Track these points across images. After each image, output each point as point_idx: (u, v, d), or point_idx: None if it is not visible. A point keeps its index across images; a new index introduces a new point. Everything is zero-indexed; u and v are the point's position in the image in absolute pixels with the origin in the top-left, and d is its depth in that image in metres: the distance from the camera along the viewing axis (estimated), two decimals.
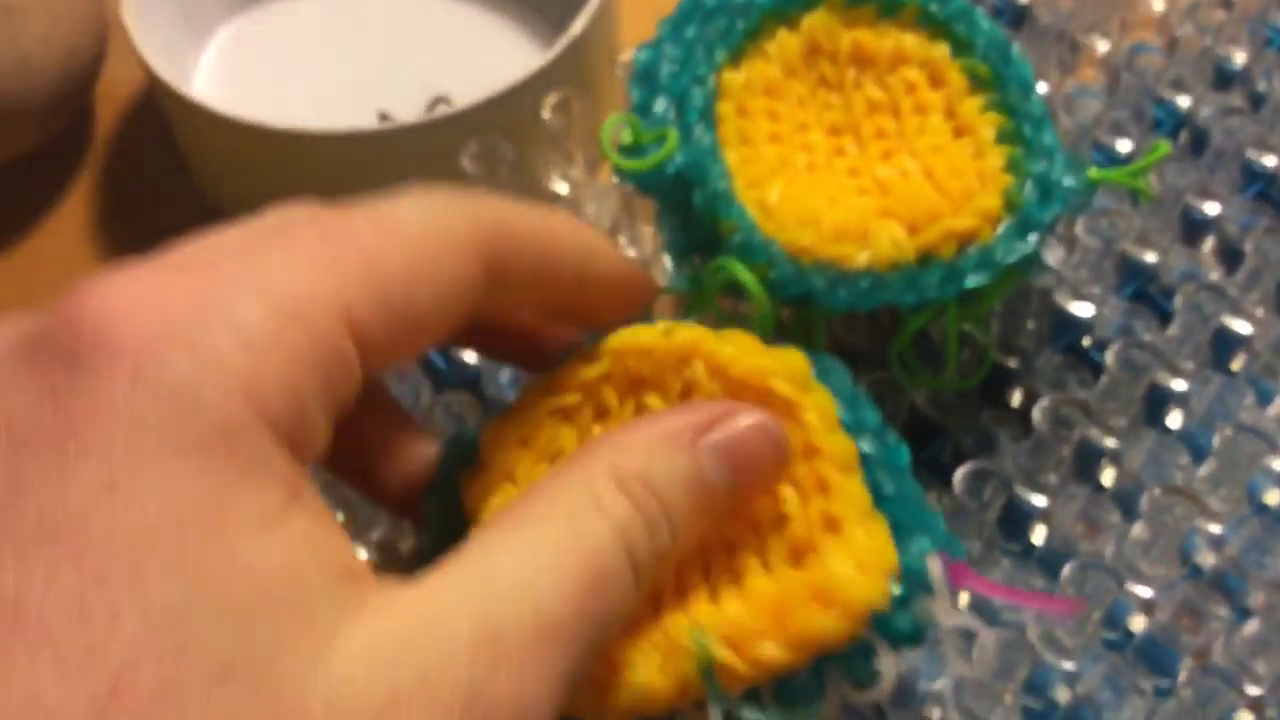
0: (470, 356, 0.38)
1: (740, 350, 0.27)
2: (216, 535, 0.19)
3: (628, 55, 0.40)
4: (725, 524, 0.26)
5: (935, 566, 0.25)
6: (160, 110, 0.47)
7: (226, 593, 0.19)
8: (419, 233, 0.23)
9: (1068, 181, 0.33)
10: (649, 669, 0.24)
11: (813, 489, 0.26)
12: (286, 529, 0.20)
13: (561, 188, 0.41)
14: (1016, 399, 0.37)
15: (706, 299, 0.32)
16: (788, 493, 0.26)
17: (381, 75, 0.47)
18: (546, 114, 0.39)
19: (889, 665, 0.25)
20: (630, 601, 0.23)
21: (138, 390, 0.19)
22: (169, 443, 0.19)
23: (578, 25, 0.41)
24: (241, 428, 0.20)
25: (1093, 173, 0.34)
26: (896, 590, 0.26)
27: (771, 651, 0.24)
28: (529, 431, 0.27)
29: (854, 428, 0.27)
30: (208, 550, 0.19)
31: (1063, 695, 0.32)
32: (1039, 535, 0.35)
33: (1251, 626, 0.32)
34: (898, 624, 0.26)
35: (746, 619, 0.25)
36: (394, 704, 0.19)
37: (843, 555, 0.25)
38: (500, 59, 0.47)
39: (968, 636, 0.29)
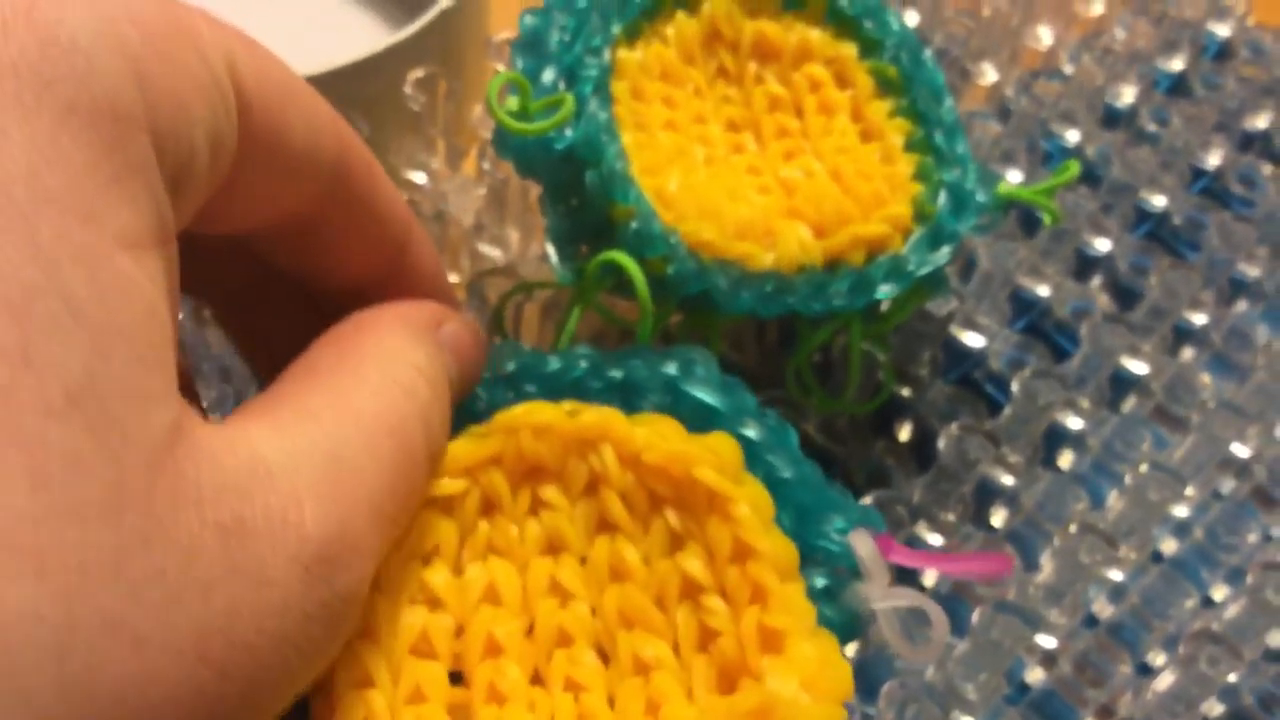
0: None
1: (658, 434, 0.23)
2: (82, 228, 0.16)
3: (502, 35, 0.36)
4: (638, 640, 0.22)
5: (864, 543, 0.22)
6: None
7: (84, 302, 0.16)
8: (290, 69, 0.21)
9: (980, 195, 0.31)
10: None
11: (745, 599, 0.21)
12: (152, 263, 0.17)
13: (419, 178, 0.37)
14: (906, 433, 0.35)
15: (588, 295, 0.28)
16: (713, 603, 0.22)
17: None
18: (408, 90, 0.35)
19: None
20: (423, 489, 0.22)
21: (20, 28, 0.16)
22: (48, 95, 0.16)
23: None
24: (128, 119, 0.17)
25: (1003, 188, 0.32)
26: (821, 582, 0.22)
27: None
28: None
29: (732, 413, 0.24)
30: (71, 241, 0.16)
31: None
32: (930, 576, 0.32)
33: (1162, 681, 0.29)
34: (830, 619, 0.22)
35: None
36: (238, 530, 0.17)
37: (786, 677, 0.20)
38: (355, 42, 0.42)
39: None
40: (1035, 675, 0.31)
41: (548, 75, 0.29)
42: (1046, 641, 0.30)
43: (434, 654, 0.22)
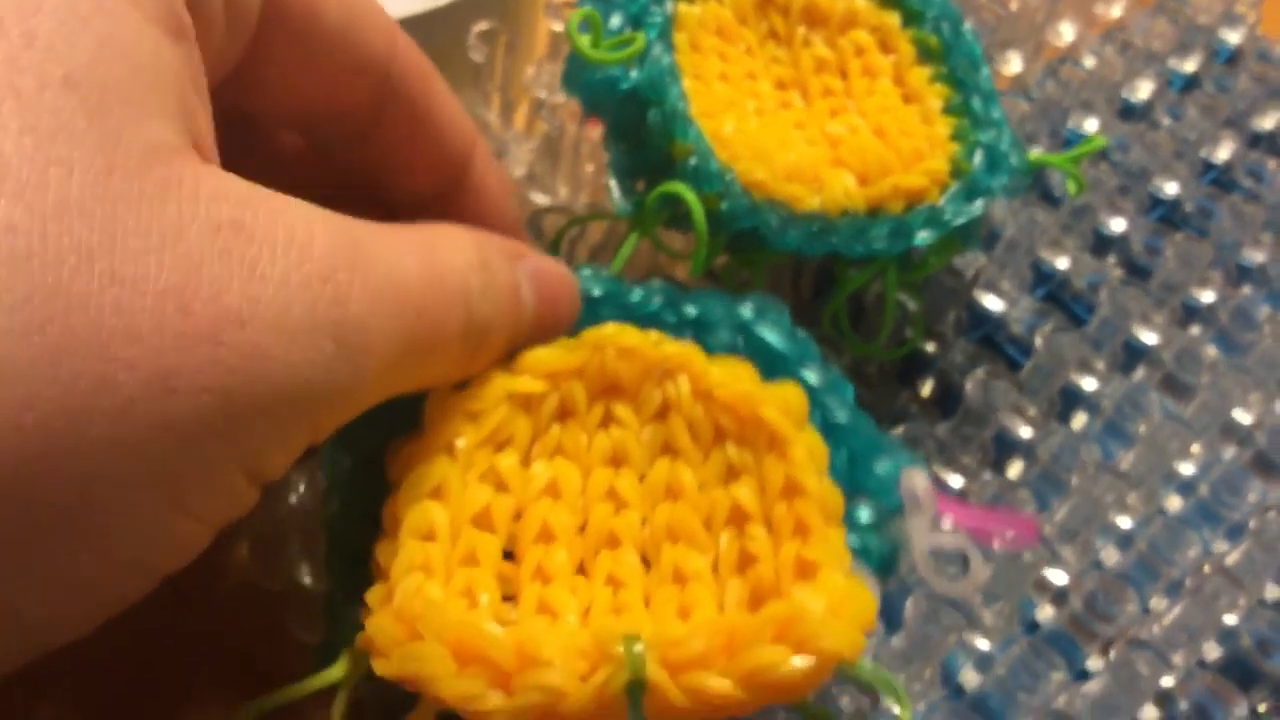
0: None
1: (731, 375, 0.25)
2: None
3: None
4: (680, 552, 0.23)
5: (919, 480, 0.23)
6: None
7: (93, 18, 0.17)
8: None
9: (1013, 158, 0.33)
10: (568, 674, 0.20)
11: (788, 532, 0.23)
12: (166, 39, 0.18)
13: None
14: (928, 388, 0.37)
15: (648, 225, 0.30)
16: (757, 531, 0.23)
17: None
18: (471, 41, 0.37)
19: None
20: (454, 344, 0.22)
21: None
22: None
23: None
24: None
25: (1033, 155, 0.34)
26: (867, 515, 0.24)
27: (717, 686, 0.20)
28: (480, 408, 0.24)
29: (797, 359, 0.26)
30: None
31: None
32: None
33: (1167, 617, 0.31)
34: (870, 550, 0.24)
35: (693, 642, 0.20)
36: (233, 230, 0.17)
37: (815, 595, 0.22)
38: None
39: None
40: (1046, 613, 0.33)
41: (615, 20, 0.31)
42: (1058, 578, 0.32)
43: (493, 528, 0.24)
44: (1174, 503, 0.35)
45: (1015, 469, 0.35)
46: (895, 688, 0.21)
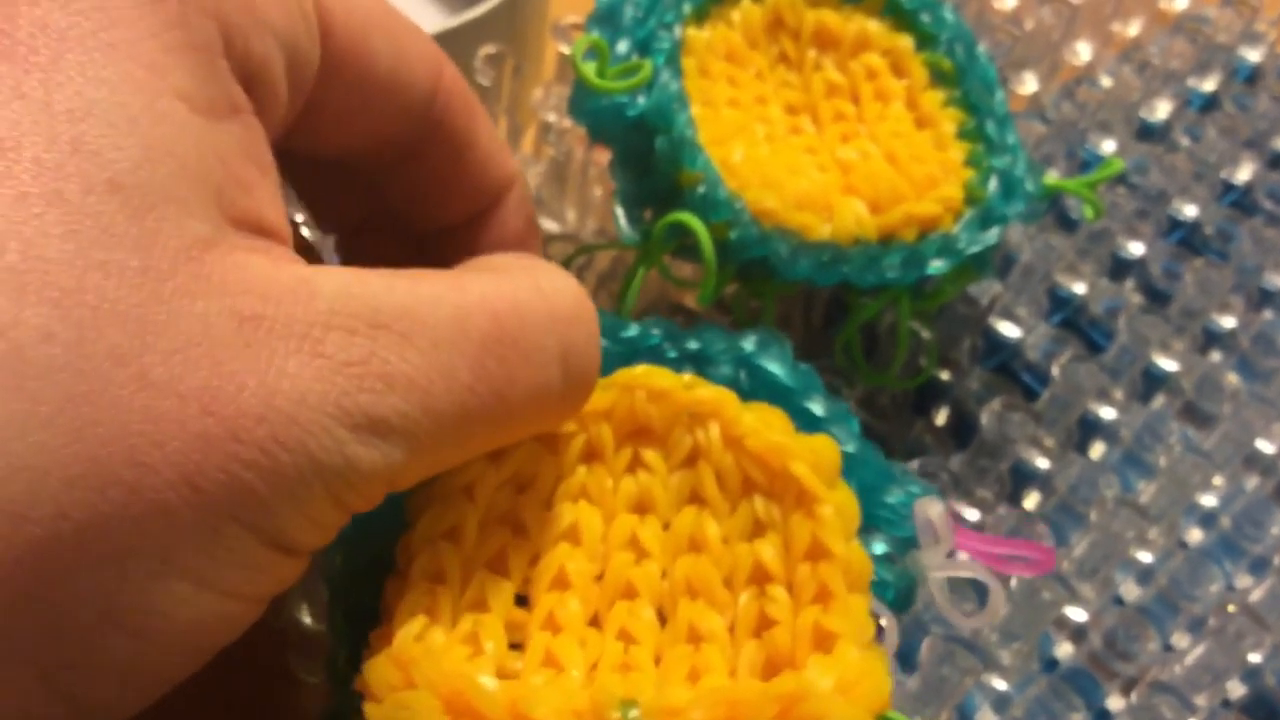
0: None
1: (764, 423, 0.23)
2: (143, 72, 0.18)
3: (568, 19, 0.38)
4: (698, 610, 0.22)
5: (934, 509, 0.22)
6: None
7: (140, 120, 0.17)
8: (391, 8, 0.23)
9: (1029, 184, 0.32)
10: None
11: (809, 597, 0.22)
12: (215, 125, 0.18)
13: None
14: (943, 417, 0.36)
15: (655, 255, 0.30)
16: (778, 593, 0.22)
17: None
18: (478, 64, 0.36)
19: None
20: (533, 396, 0.21)
21: None
22: None
23: None
24: (190, 3, 0.18)
25: (1049, 180, 0.33)
26: (881, 548, 0.23)
27: None
28: (502, 449, 0.23)
29: (801, 391, 0.25)
30: (132, 77, 0.17)
31: None
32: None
33: (1190, 655, 0.30)
34: (886, 584, 0.23)
35: (691, 714, 0.20)
36: (257, 324, 0.17)
37: (825, 673, 0.21)
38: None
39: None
40: (1065, 650, 0.32)
41: (622, 46, 0.30)
42: (1077, 615, 0.31)
43: (507, 573, 0.23)
44: (1195, 535, 0.34)
45: (1032, 501, 0.34)
46: None
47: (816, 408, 0.25)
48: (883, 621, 0.22)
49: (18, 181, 0.16)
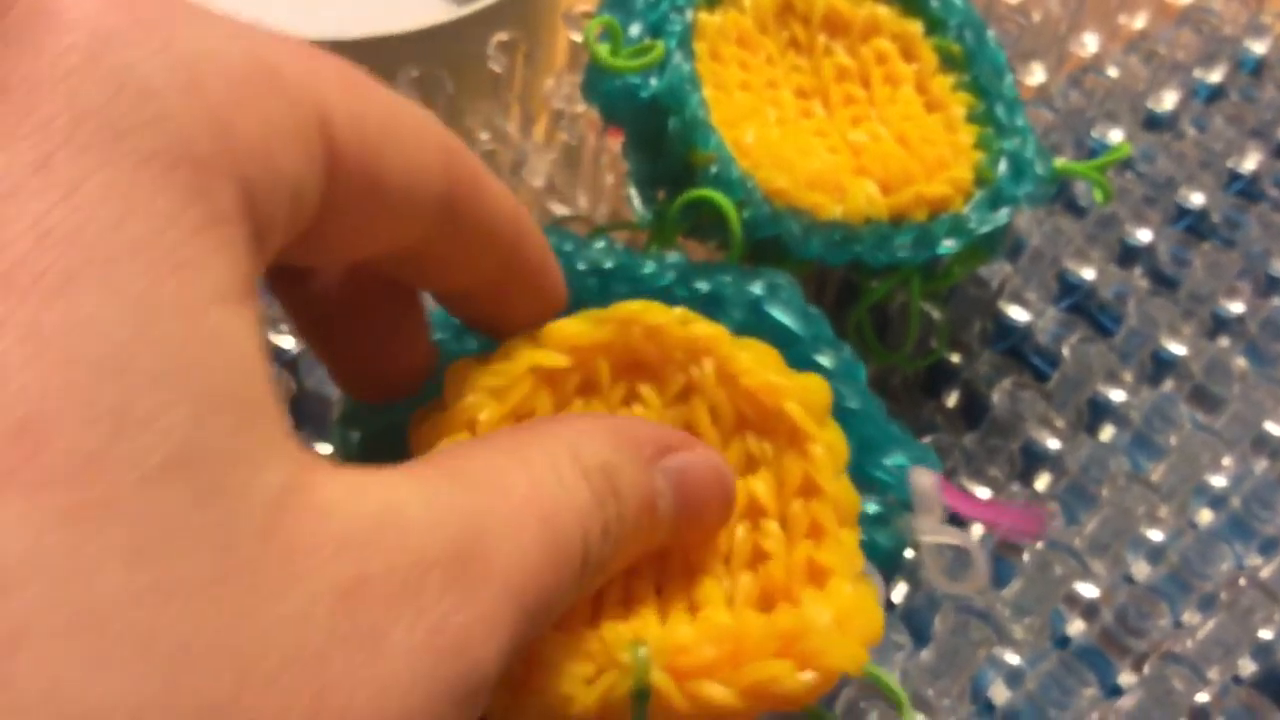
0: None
1: (759, 361, 0.24)
2: (174, 279, 0.14)
3: (579, 8, 0.38)
4: (694, 549, 0.23)
5: (926, 478, 0.23)
6: None
7: (183, 360, 0.14)
8: (396, 101, 0.20)
9: (1038, 166, 0.32)
10: (574, 678, 0.20)
11: (802, 532, 0.23)
12: (245, 316, 0.15)
13: (494, 140, 0.38)
14: (954, 399, 0.36)
15: (668, 234, 0.30)
16: (771, 528, 0.23)
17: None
18: (491, 51, 0.37)
19: None
20: (570, 596, 0.20)
21: (89, 72, 0.15)
22: (123, 144, 0.14)
23: None
24: (211, 167, 0.15)
25: (1059, 163, 0.33)
26: (874, 509, 0.24)
27: (719, 694, 0.20)
28: (503, 383, 0.23)
29: (810, 340, 0.25)
30: (163, 294, 0.14)
31: None
32: (978, 528, 0.33)
33: (1201, 630, 0.31)
34: (876, 546, 0.23)
35: (698, 650, 0.20)
36: (357, 593, 0.15)
37: (823, 608, 0.21)
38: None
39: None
40: (1077, 627, 0.32)
41: (634, 29, 0.31)
42: (1089, 591, 0.32)
43: None
44: (1205, 516, 0.35)
45: (1043, 481, 0.35)
46: (894, 688, 0.21)
47: (825, 360, 0.25)
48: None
49: (60, 490, 0.13)
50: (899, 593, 0.31)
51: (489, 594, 0.17)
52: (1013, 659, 0.31)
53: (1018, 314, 0.37)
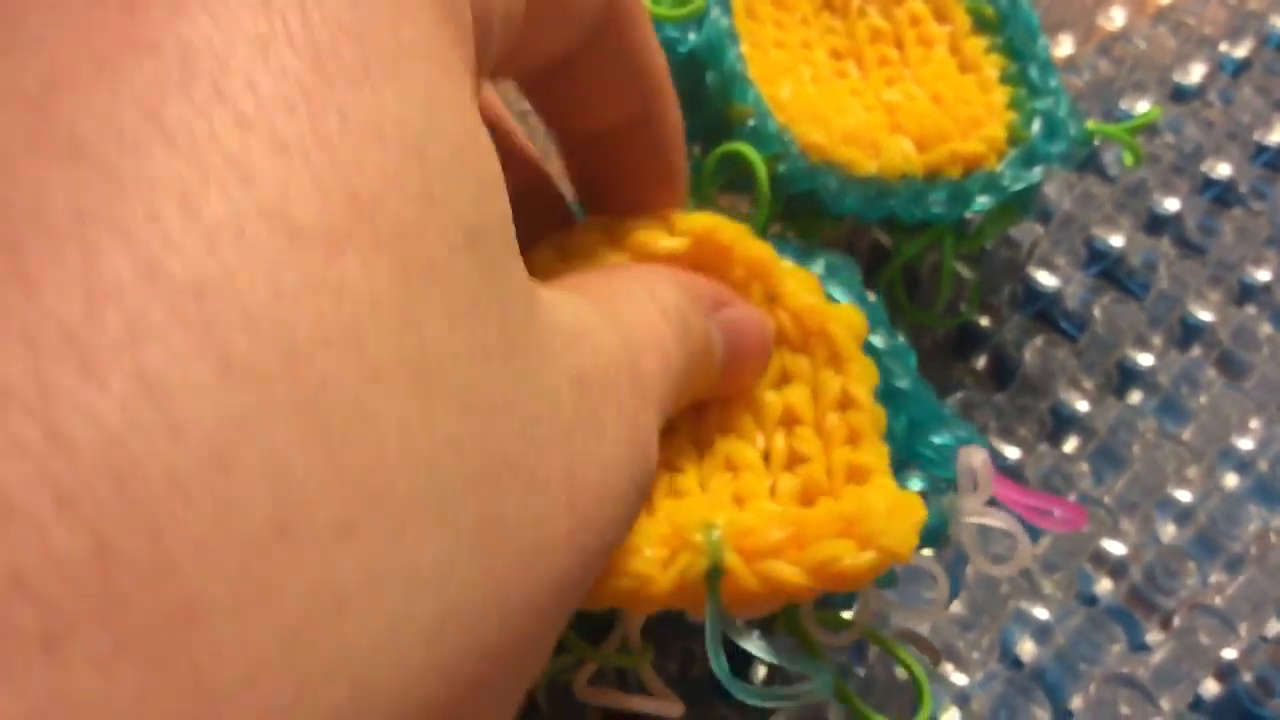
0: None
1: (802, 285, 0.25)
2: (444, 79, 0.15)
3: None
4: (731, 443, 0.24)
5: (977, 457, 0.23)
6: None
7: (464, 148, 0.15)
8: None
9: (1071, 126, 0.33)
10: (651, 561, 0.21)
11: (840, 439, 0.24)
12: (487, 131, 0.16)
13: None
14: (982, 363, 0.36)
15: (705, 188, 0.30)
16: (808, 433, 0.24)
17: None
18: None
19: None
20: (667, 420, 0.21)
21: None
22: None
23: None
24: None
25: (1090, 124, 0.33)
26: (919, 485, 0.24)
27: (788, 574, 0.21)
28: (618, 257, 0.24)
29: (866, 321, 0.26)
30: (440, 91, 0.15)
31: None
32: None
33: (1230, 585, 0.31)
34: (924, 523, 0.24)
35: (765, 532, 0.21)
36: (584, 382, 0.17)
37: (879, 496, 0.22)
38: None
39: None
40: (1104, 586, 0.32)
41: None
42: (1116, 548, 0.32)
43: None
44: (1231, 480, 0.35)
45: (1071, 444, 0.35)
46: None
47: (877, 339, 0.26)
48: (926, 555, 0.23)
49: (391, 253, 0.14)
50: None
51: (653, 403, 0.19)
52: (1041, 614, 0.31)
53: (1046, 279, 0.37)
